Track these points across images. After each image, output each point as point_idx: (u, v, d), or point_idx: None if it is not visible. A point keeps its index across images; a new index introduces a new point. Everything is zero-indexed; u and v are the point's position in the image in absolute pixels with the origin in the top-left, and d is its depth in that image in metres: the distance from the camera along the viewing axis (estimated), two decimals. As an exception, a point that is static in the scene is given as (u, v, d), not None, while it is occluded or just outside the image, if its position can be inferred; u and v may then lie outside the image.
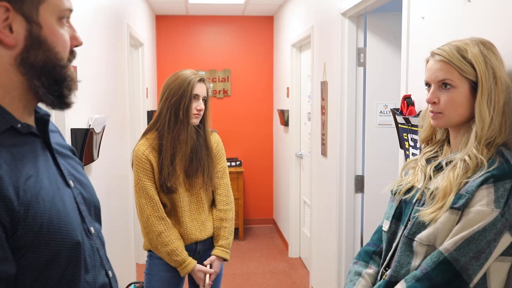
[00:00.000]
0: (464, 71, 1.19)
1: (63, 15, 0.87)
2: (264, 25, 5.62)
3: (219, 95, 5.61)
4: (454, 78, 1.21)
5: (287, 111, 4.71)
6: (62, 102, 0.88)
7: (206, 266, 2.11)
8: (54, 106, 0.88)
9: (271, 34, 5.64)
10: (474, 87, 1.20)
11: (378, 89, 2.77)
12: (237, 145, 5.67)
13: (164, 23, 5.45)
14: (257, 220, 5.81)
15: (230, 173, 5.11)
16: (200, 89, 2.04)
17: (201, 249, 2.16)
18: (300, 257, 4.66)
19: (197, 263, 2.10)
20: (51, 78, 0.85)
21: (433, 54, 1.26)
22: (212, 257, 2.12)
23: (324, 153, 3.29)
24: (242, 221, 5.23)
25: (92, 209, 0.99)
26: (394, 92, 2.59)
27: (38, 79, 0.83)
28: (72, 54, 0.90)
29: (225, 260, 2.16)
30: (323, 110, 3.27)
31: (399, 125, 1.90)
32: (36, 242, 0.78)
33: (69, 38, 0.89)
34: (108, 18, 2.95)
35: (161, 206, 2.04)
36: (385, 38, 2.75)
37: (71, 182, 0.93)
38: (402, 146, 1.94)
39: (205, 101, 2.10)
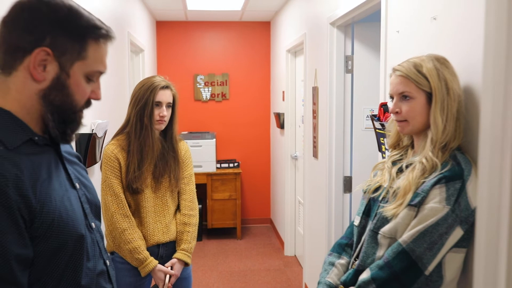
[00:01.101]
0: (420, 83, 1.36)
1: (93, 75, 1.04)
2: (261, 31, 5.77)
3: (218, 98, 5.76)
4: (412, 90, 1.37)
5: (283, 114, 4.86)
6: (63, 138, 1.05)
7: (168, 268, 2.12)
8: (57, 138, 1.05)
9: (268, 39, 5.79)
10: (430, 97, 1.36)
11: (365, 94, 2.93)
12: (235, 147, 5.83)
13: (164, 29, 5.62)
14: (255, 220, 5.97)
15: (229, 174, 5.31)
16: (162, 96, 2.10)
17: (164, 254, 2.17)
18: (295, 255, 4.81)
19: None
20: (61, 118, 1.02)
21: (394, 70, 1.42)
22: (174, 260, 2.14)
23: (315, 155, 3.45)
24: (239, 220, 5.38)
25: (93, 208, 1.17)
26: (379, 97, 2.74)
27: (51, 114, 1.01)
28: (87, 103, 1.07)
29: (186, 264, 2.17)
30: (315, 114, 3.43)
31: (377, 130, 2.06)
32: (48, 233, 0.96)
33: (91, 91, 1.05)
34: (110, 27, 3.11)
35: (127, 205, 2.08)
36: (371, 47, 2.91)
37: (77, 185, 1.12)
38: (380, 149, 2.10)
39: (173, 107, 2.17)
